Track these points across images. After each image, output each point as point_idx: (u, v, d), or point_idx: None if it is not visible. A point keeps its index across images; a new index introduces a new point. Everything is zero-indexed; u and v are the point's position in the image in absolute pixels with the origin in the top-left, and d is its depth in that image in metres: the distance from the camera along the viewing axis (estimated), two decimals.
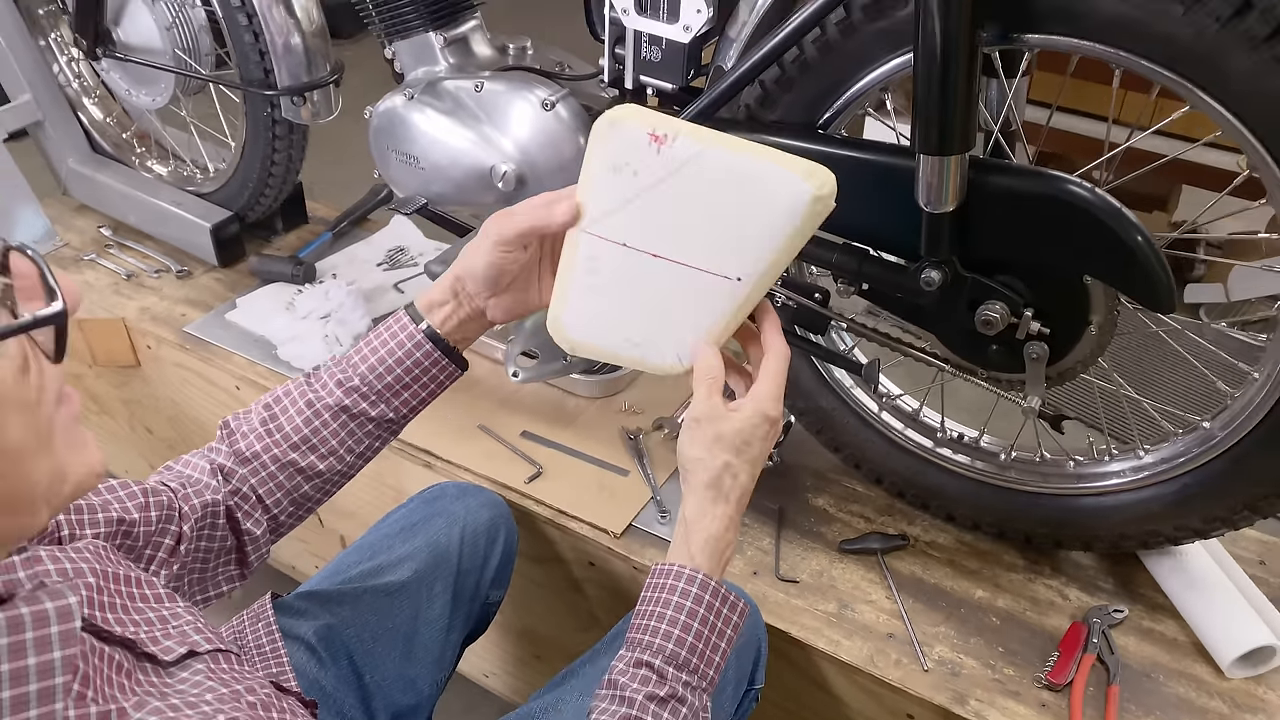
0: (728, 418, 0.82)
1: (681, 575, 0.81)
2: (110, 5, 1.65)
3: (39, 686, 0.53)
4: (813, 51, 1.06)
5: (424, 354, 0.91)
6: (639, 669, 0.78)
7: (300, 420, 0.90)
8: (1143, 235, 0.97)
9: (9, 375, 0.50)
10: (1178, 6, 0.87)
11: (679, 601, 0.80)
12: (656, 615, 0.80)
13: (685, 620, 0.79)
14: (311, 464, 0.91)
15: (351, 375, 0.90)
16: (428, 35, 1.31)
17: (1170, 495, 1.12)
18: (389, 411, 0.92)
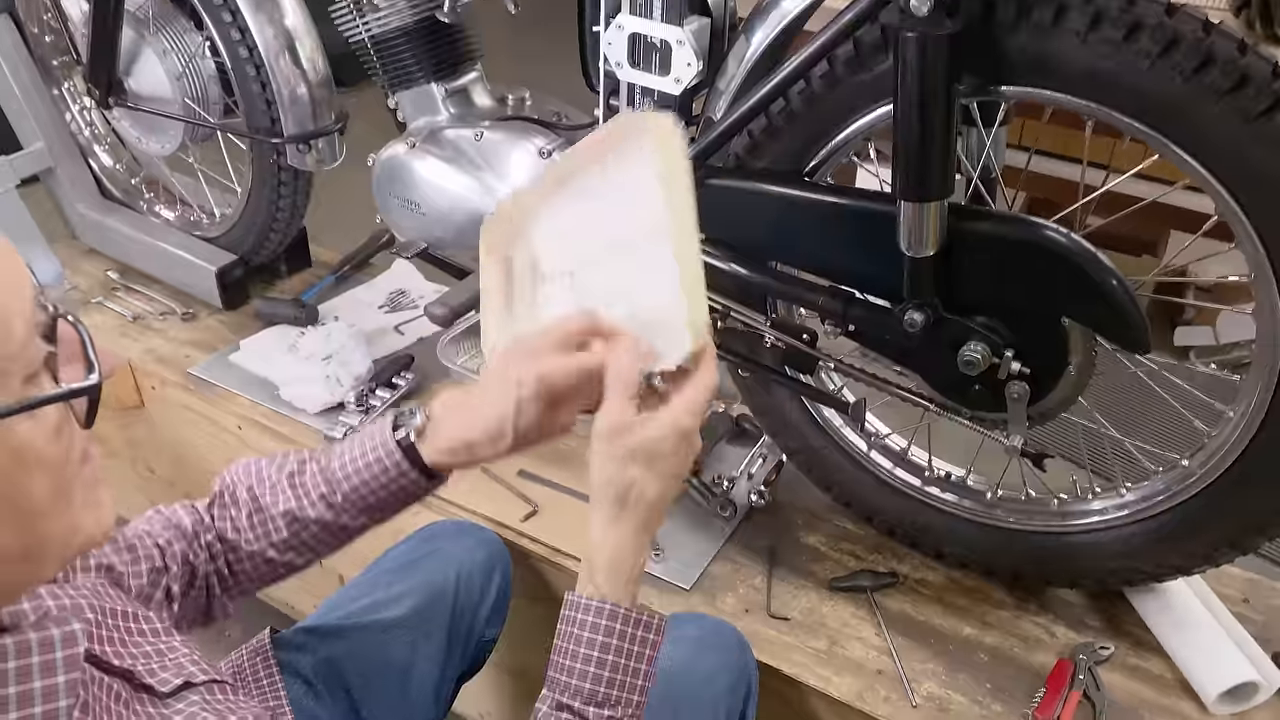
0: (641, 427, 0.75)
1: (590, 608, 0.77)
2: (122, 56, 1.71)
3: (44, 709, 0.55)
4: (798, 102, 1.10)
5: (410, 483, 0.88)
6: (560, 712, 0.76)
7: (289, 532, 0.90)
8: (1117, 278, 1.01)
9: (42, 438, 0.52)
10: (1144, 61, 0.91)
11: (589, 636, 0.76)
12: (570, 652, 0.77)
13: (599, 656, 0.76)
14: (289, 560, 0.92)
15: (334, 491, 0.89)
16: (429, 86, 1.36)
17: (1152, 532, 1.15)
18: (370, 522, 0.93)
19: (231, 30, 1.55)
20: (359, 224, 1.93)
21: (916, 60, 0.95)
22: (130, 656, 0.72)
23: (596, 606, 0.77)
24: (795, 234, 1.16)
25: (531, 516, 1.39)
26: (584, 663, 0.76)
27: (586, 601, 0.77)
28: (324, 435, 1.53)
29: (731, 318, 1.24)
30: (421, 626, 1.14)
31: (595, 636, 0.76)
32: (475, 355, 1.72)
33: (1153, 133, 0.94)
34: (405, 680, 1.11)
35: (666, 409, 0.77)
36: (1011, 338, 1.08)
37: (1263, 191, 0.92)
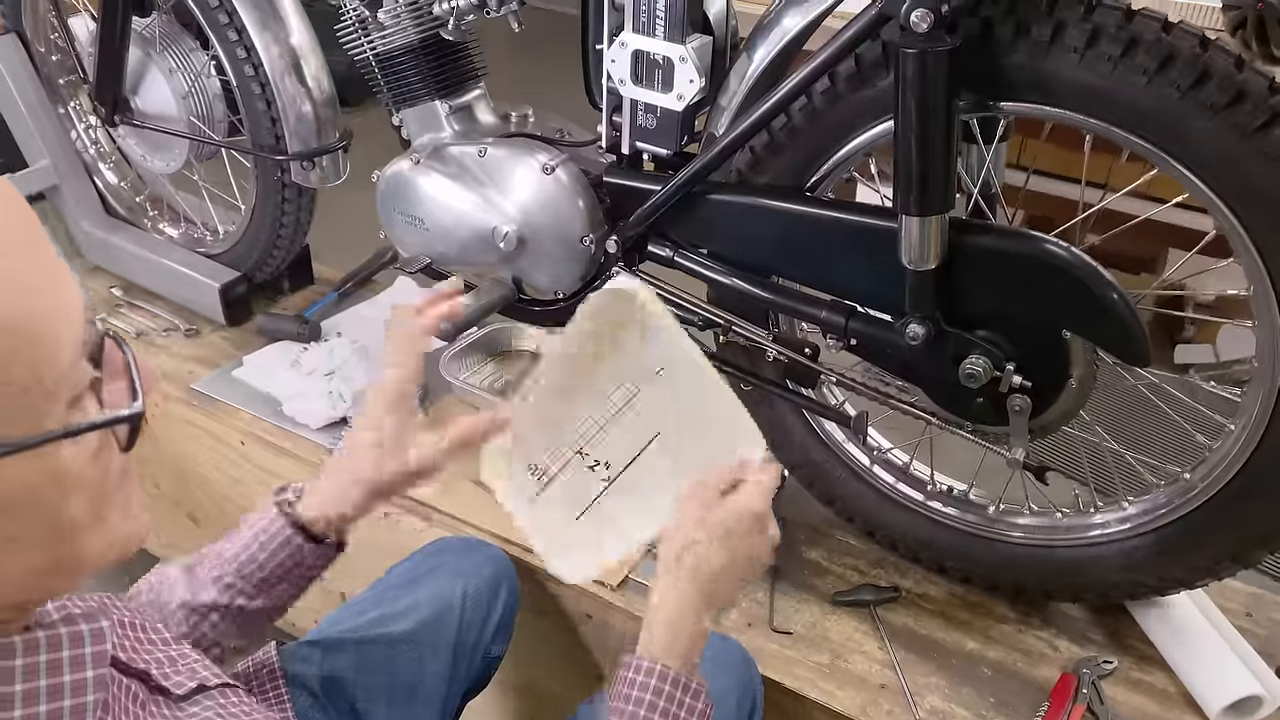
0: (721, 503, 0.82)
1: (640, 667, 0.79)
2: (129, 75, 1.72)
3: (73, 703, 0.55)
4: (800, 118, 1.11)
5: (298, 550, 0.91)
6: None
7: (188, 626, 0.90)
8: (1118, 292, 1.01)
9: (81, 460, 0.52)
10: (1141, 77, 0.92)
11: (638, 695, 0.78)
12: (630, 715, 0.78)
13: (645, 714, 0.77)
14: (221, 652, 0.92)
15: (225, 572, 0.91)
16: (433, 103, 1.37)
17: (1154, 545, 1.15)
18: (269, 602, 0.93)
19: (237, 49, 1.57)
20: (362, 244, 1.94)
21: (917, 76, 0.96)
22: (144, 660, 0.72)
23: (648, 666, 0.79)
24: (797, 249, 1.17)
25: None
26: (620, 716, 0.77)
27: (638, 660, 0.79)
28: (326, 449, 1.53)
29: (733, 332, 1.25)
30: (428, 642, 1.14)
31: (644, 695, 0.78)
32: (477, 370, 1.72)
33: (1150, 148, 0.96)
34: (412, 696, 1.11)
35: (744, 492, 0.83)
36: (1013, 351, 1.09)
37: (1261, 206, 0.93)
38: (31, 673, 0.54)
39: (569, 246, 1.29)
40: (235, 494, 1.72)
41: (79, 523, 0.53)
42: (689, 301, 1.27)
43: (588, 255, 1.30)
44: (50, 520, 0.52)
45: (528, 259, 1.32)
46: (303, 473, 1.56)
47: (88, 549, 0.55)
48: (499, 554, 1.29)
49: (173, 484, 1.83)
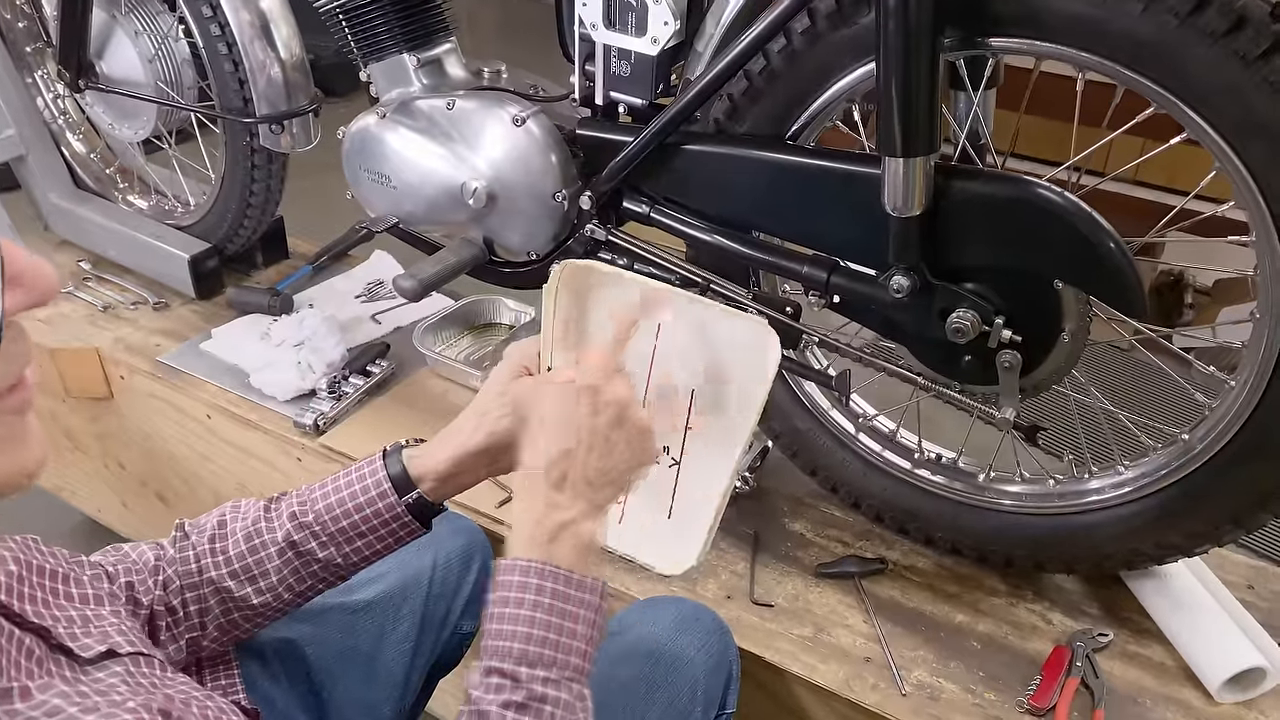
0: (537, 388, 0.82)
1: (512, 567, 0.73)
2: (94, 38, 1.67)
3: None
4: (779, 61, 1.06)
5: (386, 506, 0.86)
6: (489, 677, 0.71)
7: (245, 546, 0.86)
8: (1113, 239, 0.96)
9: None
10: (1137, 4, 0.87)
11: (515, 596, 0.72)
12: (497, 616, 0.73)
13: (527, 614, 0.71)
14: (245, 596, 0.86)
15: (307, 510, 0.86)
16: (401, 56, 1.31)
17: (1152, 511, 1.09)
18: (337, 556, 0.87)
19: (203, 8, 1.52)
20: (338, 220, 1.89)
21: (899, 7, 0.91)
22: (50, 618, 0.66)
23: (519, 565, 0.73)
24: (777, 200, 1.12)
25: (506, 502, 1.33)
26: (511, 622, 0.72)
27: (507, 564, 0.74)
28: (294, 421, 1.47)
29: (712, 291, 1.20)
30: (390, 611, 1.09)
31: (523, 595, 0.72)
32: (454, 344, 1.67)
33: (1147, 83, 0.90)
34: (370, 666, 1.06)
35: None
36: (1002, 304, 1.04)
37: (1262, 139, 0.88)
38: None
39: (541, 203, 1.24)
40: (205, 471, 1.66)
41: None
42: (666, 260, 1.22)
43: (560, 212, 1.24)
44: None
45: (498, 217, 1.27)
46: (269, 446, 1.50)
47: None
48: (472, 527, 1.24)
49: (140, 462, 1.77)
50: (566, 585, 0.73)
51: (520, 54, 1.47)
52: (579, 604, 0.73)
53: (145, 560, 0.85)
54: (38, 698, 0.56)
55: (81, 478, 1.91)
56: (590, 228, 1.24)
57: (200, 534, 0.87)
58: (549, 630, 0.72)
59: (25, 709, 0.54)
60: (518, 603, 0.72)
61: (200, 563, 0.85)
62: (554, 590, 0.73)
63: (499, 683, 0.70)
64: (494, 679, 0.70)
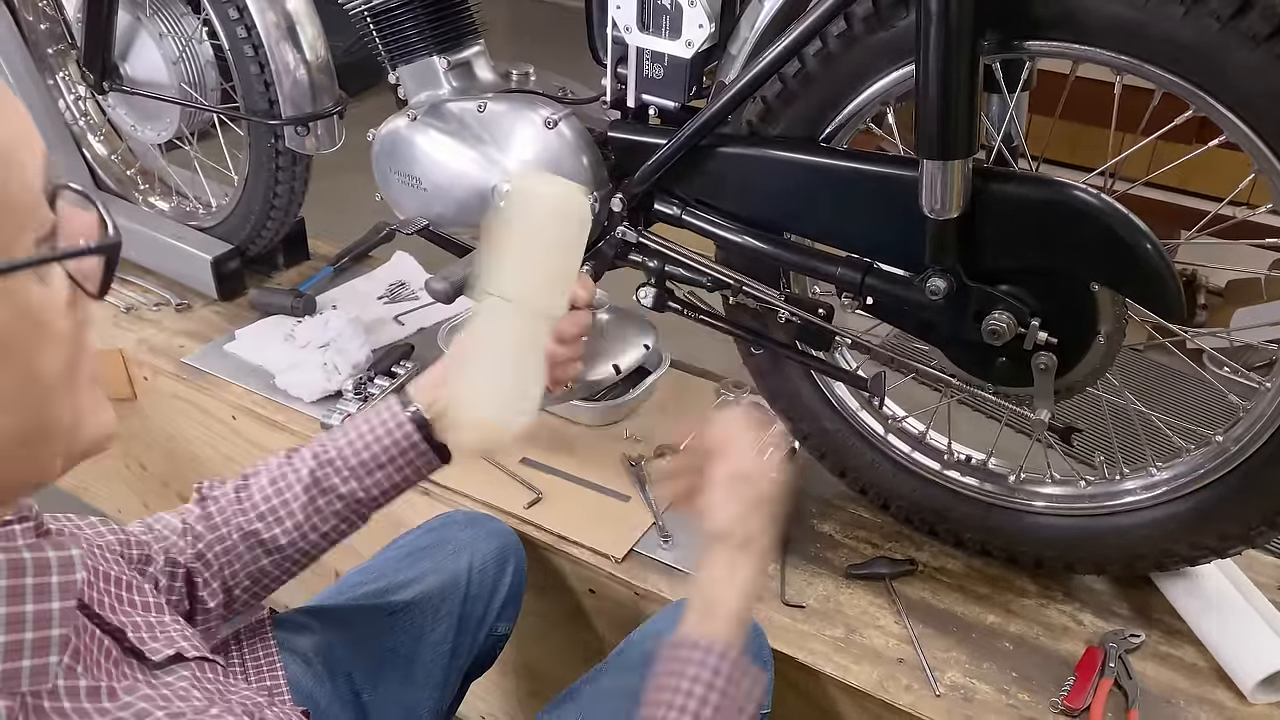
0: (766, 478, 0.80)
1: (703, 647, 0.75)
2: (118, 40, 1.67)
3: (35, 636, 0.50)
4: (814, 64, 1.06)
5: (404, 434, 0.89)
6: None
7: (271, 490, 0.88)
8: (1150, 241, 0.96)
9: (54, 308, 0.49)
10: (1178, 7, 0.87)
11: (695, 674, 0.74)
12: (673, 687, 0.74)
13: (702, 694, 0.73)
14: (274, 537, 0.88)
15: (329, 447, 0.89)
16: (431, 59, 1.32)
17: (1184, 513, 1.10)
18: (359, 490, 0.89)
19: (229, 9, 1.52)
20: (359, 222, 1.90)
21: (940, 10, 0.91)
22: (120, 620, 0.67)
23: (719, 650, 0.75)
24: (811, 202, 1.12)
25: (535, 504, 1.34)
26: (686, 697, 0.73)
27: (708, 643, 0.75)
28: (321, 423, 1.48)
29: (744, 293, 1.20)
30: (429, 613, 1.10)
31: (704, 676, 0.74)
32: None
33: (1187, 85, 0.91)
34: (410, 668, 1.06)
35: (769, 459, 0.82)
36: (1038, 306, 1.04)
37: None
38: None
39: None
40: (229, 472, 1.64)
41: (51, 380, 0.50)
42: (697, 261, 1.22)
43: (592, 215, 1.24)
44: (23, 370, 0.48)
45: None
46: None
47: (58, 418, 0.51)
48: (505, 529, 1.25)
49: (162, 463, 1.77)
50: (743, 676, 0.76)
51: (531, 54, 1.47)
52: (748, 697, 0.76)
53: (173, 526, 0.88)
54: (123, 699, 0.56)
55: (102, 478, 1.91)
56: (622, 229, 1.24)
57: (223, 491, 0.90)
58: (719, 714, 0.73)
59: (114, 709, 0.55)
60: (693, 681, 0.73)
61: (226, 514, 0.88)
62: (730, 675, 0.74)
63: None
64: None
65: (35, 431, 0.50)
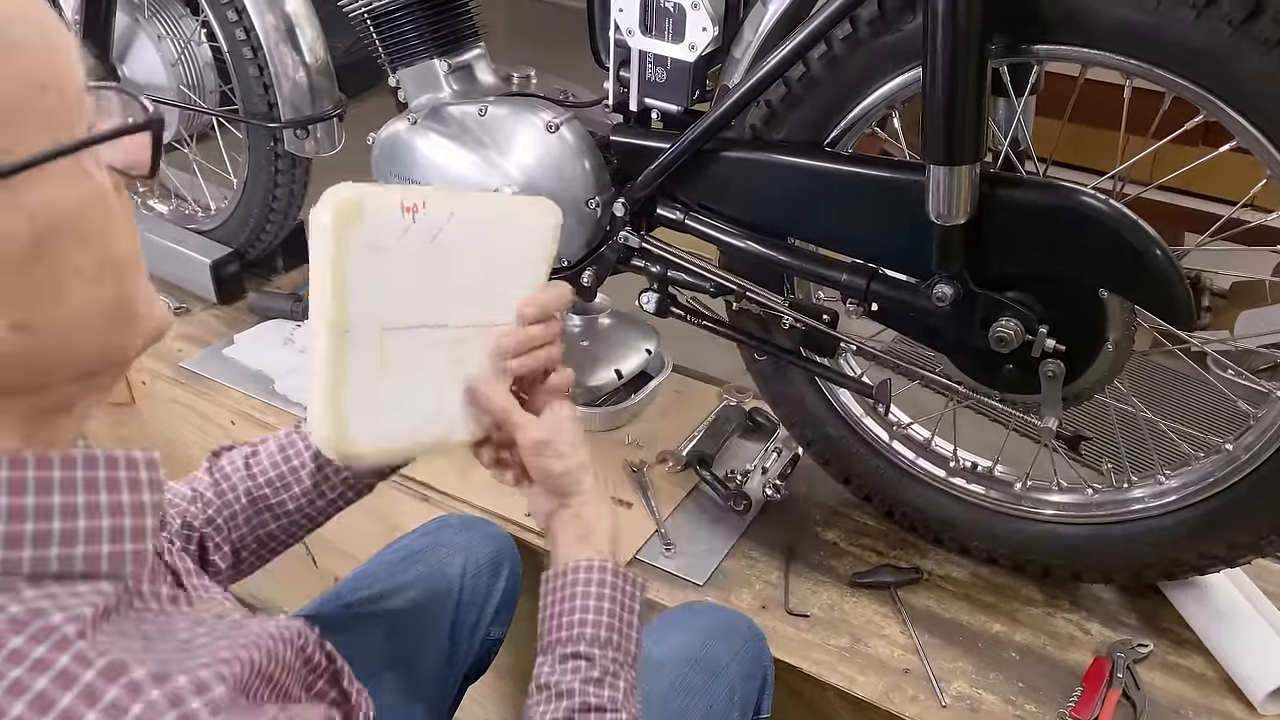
0: (562, 424, 0.86)
1: (585, 567, 0.82)
2: (116, 42, 1.66)
3: (133, 523, 0.52)
4: (818, 68, 1.05)
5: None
6: (566, 663, 0.78)
7: (280, 457, 0.90)
8: (1160, 247, 0.95)
9: (112, 191, 0.51)
10: (1189, 11, 0.86)
11: (586, 590, 0.80)
12: (568, 610, 0.80)
13: (596, 604, 0.80)
14: (281, 503, 0.90)
15: None
16: (432, 62, 1.30)
17: (1193, 522, 1.08)
18: None
19: (228, 11, 1.51)
20: None
21: (948, 13, 0.90)
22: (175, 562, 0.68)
23: (600, 565, 0.82)
24: (815, 208, 1.11)
25: None
26: (584, 611, 0.79)
27: (589, 563, 0.82)
28: None
29: (747, 299, 1.19)
30: (426, 620, 1.09)
31: (593, 589, 0.80)
32: None
33: (1197, 89, 0.89)
34: (408, 676, 1.05)
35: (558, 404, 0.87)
36: (1046, 313, 1.03)
37: None
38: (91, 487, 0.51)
39: (574, 209, 1.22)
40: None
41: (124, 259, 0.52)
42: (700, 266, 1.21)
43: (593, 219, 1.23)
44: (104, 252, 0.50)
45: None
46: None
47: (137, 296, 0.54)
48: (501, 533, 1.24)
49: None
50: (628, 584, 0.82)
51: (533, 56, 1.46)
52: (634, 599, 0.83)
53: (184, 494, 0.89)
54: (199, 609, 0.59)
55: None
56: (624, 234, 1.23)
57: (230, 460, 0.91)
58: (616, 619, 0.80)
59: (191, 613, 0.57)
60: (586, 594, 0.80)
61: (233, 480, 0.89)
62: (620, 587, 0.81)
63: (575, 665, 0.77)
64: (571, 663, 0.78)
65: (120, 307, 0.53)
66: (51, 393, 0.52)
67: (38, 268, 0.47)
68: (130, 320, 0.54)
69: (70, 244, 0.48)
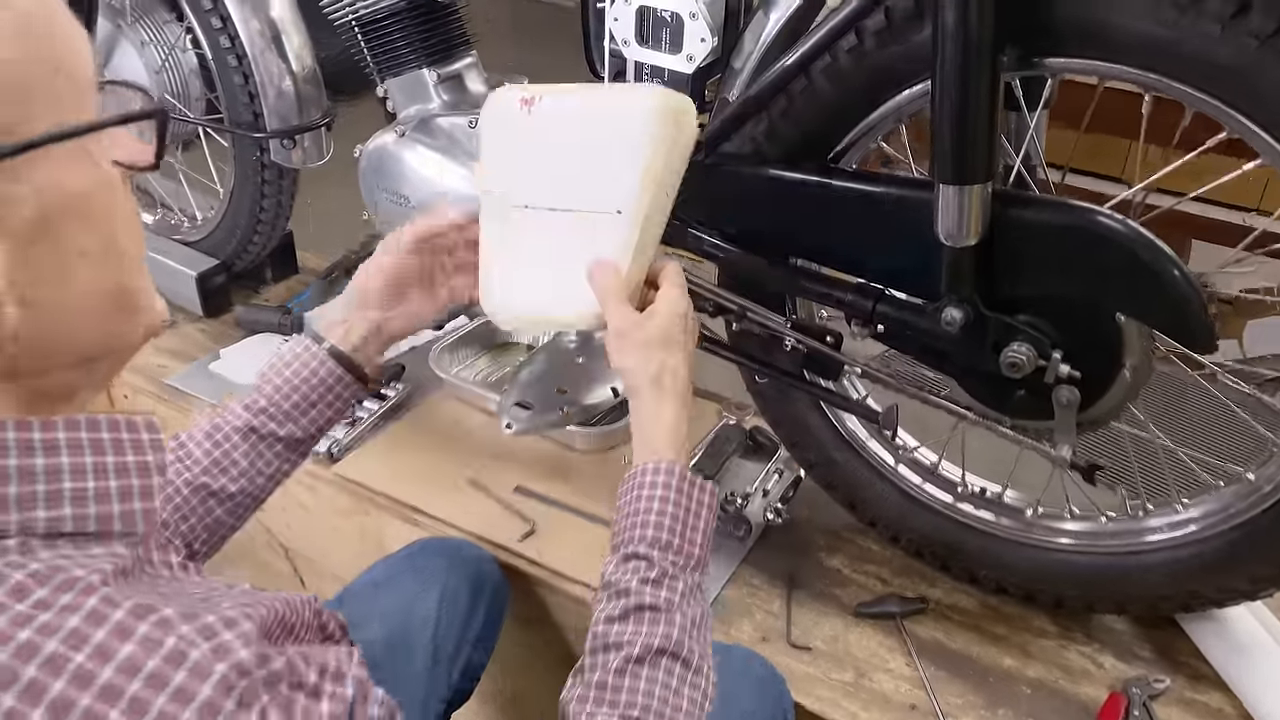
0: (646, 322, 0.86)
1: (649, 469, 0.83)
2: (98, 48, 1.62)
3: (140, 483, 0.53)
4: (822, 81, 1.00)
5: (327, 371, 0.92)
6: (627, 562, 0.80)
7: (209, 444, 0.90)
8: (1179, 268, 0.91)
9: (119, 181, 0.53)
10: (1214, 25, 0.82)
11: (650, 494, 0.82)
12: (632, 511, 0.82)
13: (659, 508, 0.81)
14: (223, 486, 0.89)
15: (257, 398, 0.91)
16: (421, 72, 1.26)
17: (1212, 553, 1.04)
18: (297, 430, 0.92)
19: (212, 18, 1.47)
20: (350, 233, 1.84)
21: (957, 26, 0.85)
22: None
23: (656, 466, 0.83)
24: (819, 226, 1.06)
25: (529, 536, 1.28)
26: (646, 514, 0.81)
27: (654, 465, 0.83)
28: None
29: (747, 319, 1.14)
30: (400, 648, 1.05)
31: (655, 492, 0.82)
32: (471, 364, 1.62)
33: (1221, 106, 0.85)
34: None
35: (661, 301, 0.88)
36: (1060, 337, 0.98)
37: None
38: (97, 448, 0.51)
39: None
40: None
41: (131, 252, 0.54)
42: (698, 285, 1.16)
43: None
44: (109, 238, 0.52)
45: None
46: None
47: (139, 287, 0.55)
48: (482, 554, 1.21)
49: None
50: (695, 488, 0.84)
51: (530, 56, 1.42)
52: (701, 504, 0.84)
53: None
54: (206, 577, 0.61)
55: None
56: None
57: None
58: (678, 522, 0.81)
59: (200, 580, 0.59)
60: (651, 499, 0.82)
61: (169, 472, 0.88)
62: (685, 490, 0.83)
63: (635, 565, 0.79)
64: (631, 563, 0.79)
65: (122, 296, 0.54)
66: (52, 377, 0.52)
67: (43, 244, 0.49)
68: (133, 310, 0.55)
69: (76, 226, 0.50)
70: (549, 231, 0.90)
